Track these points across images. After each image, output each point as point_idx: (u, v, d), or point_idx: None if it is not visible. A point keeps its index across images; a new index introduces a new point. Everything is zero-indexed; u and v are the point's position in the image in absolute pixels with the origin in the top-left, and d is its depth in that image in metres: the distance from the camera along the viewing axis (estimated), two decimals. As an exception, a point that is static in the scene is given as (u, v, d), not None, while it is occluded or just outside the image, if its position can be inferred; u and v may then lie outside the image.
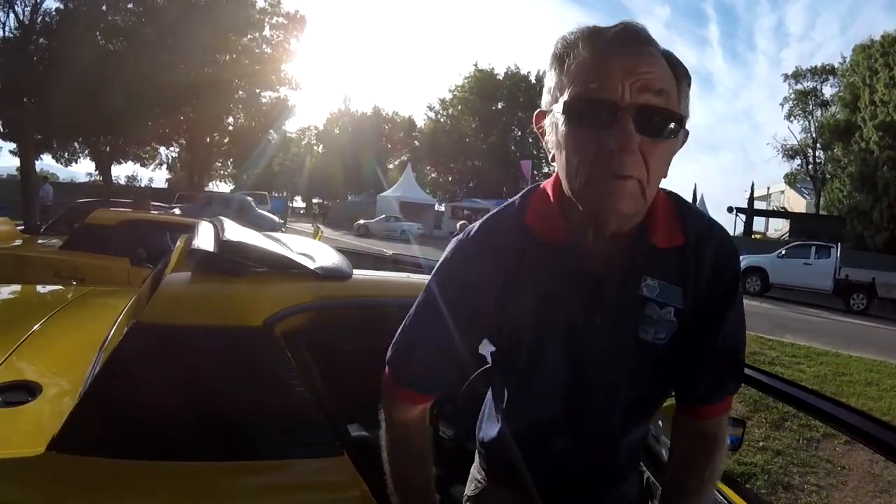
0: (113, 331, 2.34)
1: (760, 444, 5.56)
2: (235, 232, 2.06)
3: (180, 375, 1.62)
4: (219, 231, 2.09)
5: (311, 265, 1.94)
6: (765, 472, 4.91)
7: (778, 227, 45.73)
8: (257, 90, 34.02)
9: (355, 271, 2.13)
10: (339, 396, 2.03)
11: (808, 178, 47.94)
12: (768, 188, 56.13)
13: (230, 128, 36.67)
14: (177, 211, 11.84)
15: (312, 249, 2.22)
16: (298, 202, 69.88)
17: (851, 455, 5.60)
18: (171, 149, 39.97)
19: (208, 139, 36.39)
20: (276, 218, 20.84)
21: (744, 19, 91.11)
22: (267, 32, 32.49)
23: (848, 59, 40.80)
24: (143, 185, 48.45)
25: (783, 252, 21.74)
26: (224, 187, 54.04)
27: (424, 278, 2.22)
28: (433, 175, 61.23)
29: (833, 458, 5.53)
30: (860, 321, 17.74)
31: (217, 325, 1.68)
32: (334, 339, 2.60)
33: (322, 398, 1.78)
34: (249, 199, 23.66)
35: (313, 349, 1.90)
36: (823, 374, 8.37)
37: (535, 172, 49.28)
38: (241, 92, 32.44)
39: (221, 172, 51.40)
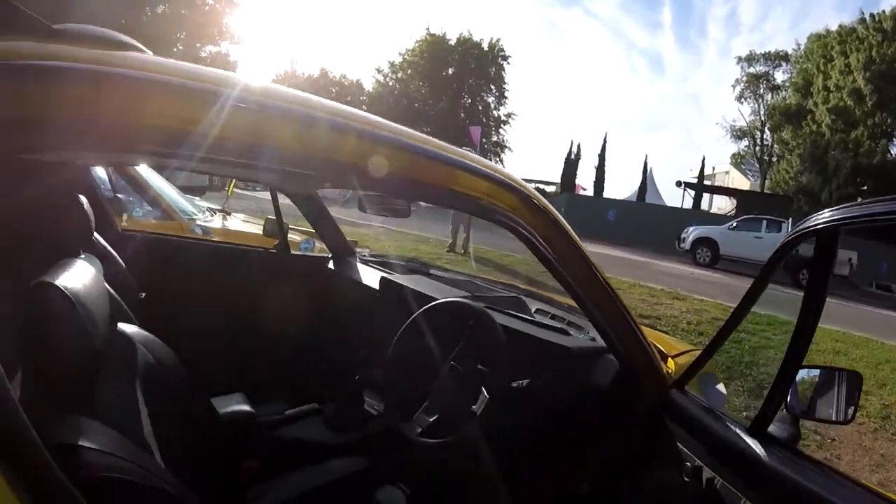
0: None
1: (744, 413, 5.10)
2: None
3: None
4: None
5: None
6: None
7: (721, 207, 46.28)
8: (197, 44, 32.21)
9: None
10: None
11: (755, 160, 48.74)
12: (713, 168, 56.65)
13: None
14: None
15: None
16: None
17: (839, 427, 5.27)
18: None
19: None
20: None
21: (697, 6, 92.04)
22: (210, -20, 30.77)
23: (802, 47, 42.30)
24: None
25: (734, 224, 22.10)
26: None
27: None
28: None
29: (819, 429, 5.25)
30: (811, 296, 18.53)
31: None
32: None
33: None
34: None
35: None
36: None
37: (484, 140, 48.87)
38: (179, 46, 30.58)
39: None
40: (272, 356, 3.01)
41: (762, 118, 47.63)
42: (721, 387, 1.89)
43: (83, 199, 2.44)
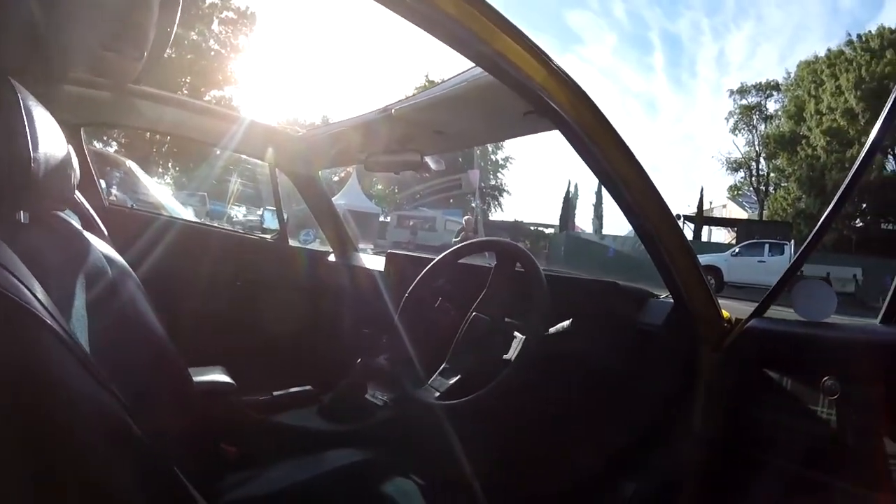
0: None
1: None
2: None
3: None
4: None
5: None
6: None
7: (720, 240, 46.20)
8: (202, 88, 32.38)
9: None
10: None
11: (752, 190, 48.45)
12: (710, 203, 56.20)
13: (172, 128, 34.09)
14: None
15: None
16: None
17: None
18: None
19: (147, 135, 33.53)
20: None
21: (687, 48, 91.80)
22: (216, 27, 31.50)
23: (793, 75, 42.31)
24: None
25: (737, 251, 21.87)
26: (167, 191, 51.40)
27: None
28: (380, 187, 59.42)
29: None
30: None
31: None
32: None
33: None
34: None
35: None
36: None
37: (483, 184, 48.84)
38: (185, 90, 30.95)
39: (162, 177, 48.71)
40: (261, 343, 2.78)
41: (757, 148, 47.22)
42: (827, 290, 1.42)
43: (72, 151, 1.98)
